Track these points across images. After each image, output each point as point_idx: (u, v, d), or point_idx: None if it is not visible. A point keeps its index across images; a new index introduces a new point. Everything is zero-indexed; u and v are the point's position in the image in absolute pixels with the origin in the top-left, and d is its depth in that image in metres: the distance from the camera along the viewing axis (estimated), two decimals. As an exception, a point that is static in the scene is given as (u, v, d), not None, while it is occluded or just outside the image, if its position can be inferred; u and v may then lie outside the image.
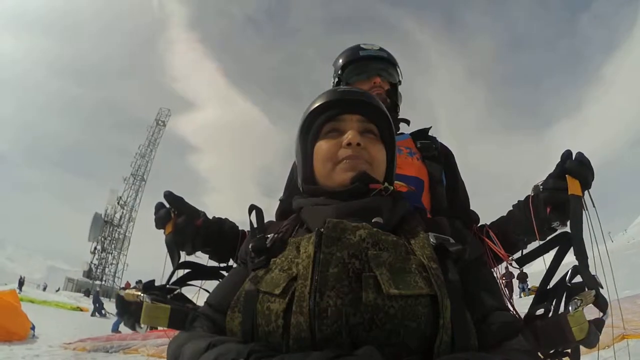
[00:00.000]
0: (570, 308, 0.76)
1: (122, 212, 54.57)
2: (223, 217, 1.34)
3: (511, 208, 1.24)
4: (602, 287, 0.81)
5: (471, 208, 1.47)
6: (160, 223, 1.14)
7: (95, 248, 52.10)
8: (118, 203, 54.05)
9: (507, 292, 1.20)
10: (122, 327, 12.65)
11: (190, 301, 1.07)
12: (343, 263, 0.71)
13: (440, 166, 1.46)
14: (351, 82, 1.56)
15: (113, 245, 53.30)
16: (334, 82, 1.64)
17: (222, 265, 1.29)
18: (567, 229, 0.99)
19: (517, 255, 1.22)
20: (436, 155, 1.47)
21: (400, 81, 1.64)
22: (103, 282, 48.44)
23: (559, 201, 1.01)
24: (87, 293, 35.14)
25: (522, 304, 0.82)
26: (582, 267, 0.87)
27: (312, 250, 0.74)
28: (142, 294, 0.90)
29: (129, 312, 0.94)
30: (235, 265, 1.23)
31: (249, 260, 0.87)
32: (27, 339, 7.68)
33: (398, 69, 1.63)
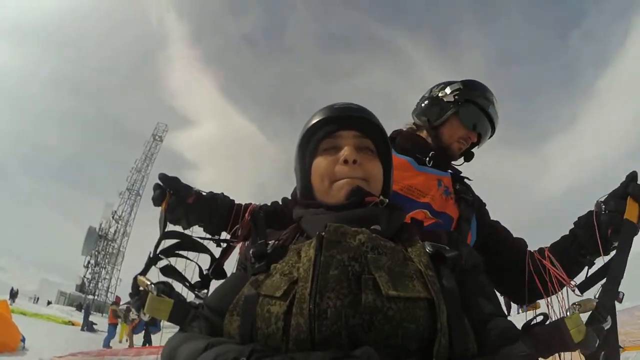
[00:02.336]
0: (567, 312, 0.78)
1: (117, 227, 54.01)
2: (218, 192, 1.42)
3: (572, 226, 1.27)
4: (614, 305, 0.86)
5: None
6: (156, 201, 1.25)
7: (88, 262, 51.46)
8: (113, 217, 53.50)
9: (506, 309, 1.22)
10: (113, 343, 12.50)
11: (178, 272, 1.15)
12: (343, 265, 0.72)
13: (472, 210, 1.50)
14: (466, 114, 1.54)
15: (107, 260, 52.59)
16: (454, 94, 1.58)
17: (212, 237, 1.37)
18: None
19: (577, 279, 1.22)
20: (471, 201, 1.51)
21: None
22: (96, 297, 47.75)
23: (618, 225, 1.04)
24: (79, 307, 34.61)
25: (519, 320, 0.81)
26: (607, 290, 0.90)
27: (312, 254, 0.76)
28: (151, 284, 0.94)
29: (138, 295, 1.00)
30: (228, 237, 1.36)
31: (249, 265, 0.88)
32: (17, 350, 7.51)
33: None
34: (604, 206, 1.11)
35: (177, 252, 1.21)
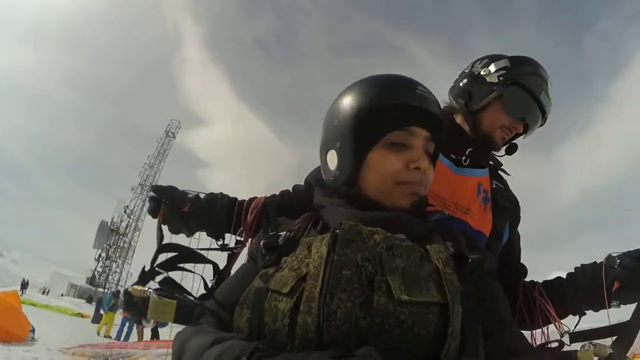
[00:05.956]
0: (582, 348, 0.77)
1: (129, 221, 54.64)
2: (216, 194, 1.32)
3: (572, 270, 1.20)
4: None
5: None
6: (152, 213, 1.24)
7: (99, 255, 52.29)
8: (125, 212, 54.23)
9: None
10: (91, 334, 12.51)
11: (178, 285, 1.12)
12: (356, 266, 0.70)
13: (507, 220, 1.34)
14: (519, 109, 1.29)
15: (118, 254, 53.38)
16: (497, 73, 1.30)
17: (217, 244, 1.29)
18: (619, 308, 1.07)
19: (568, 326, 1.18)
20: (506, 207, 1.34)
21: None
22: (106, 290, 48.39)
23: (632, 284, 1.03)
24: (89, 300, 35.18)
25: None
26: (619, 349, 0.86)
27: (325, 251, 0.73)
28: (148, 289, 0.93)
29: (135, 307, 0.96)
30: (235, 238, 1.27)
31: (259, 257, 0.85)
32: (26, 340, 7.58)
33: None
34: (618, 261, 1.07)
35: (178, 264, 1.17)
